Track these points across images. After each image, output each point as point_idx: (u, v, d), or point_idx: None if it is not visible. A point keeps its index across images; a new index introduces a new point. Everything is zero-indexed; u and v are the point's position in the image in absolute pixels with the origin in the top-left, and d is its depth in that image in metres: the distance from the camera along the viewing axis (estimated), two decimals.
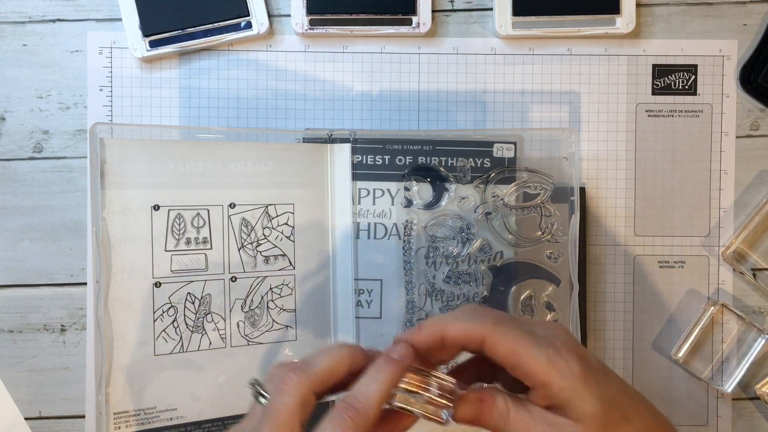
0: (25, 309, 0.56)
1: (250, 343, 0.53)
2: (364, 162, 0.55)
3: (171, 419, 0.51)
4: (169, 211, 0.51)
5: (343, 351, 0.38)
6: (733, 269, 0.58)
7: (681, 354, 0.57)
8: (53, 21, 0.57)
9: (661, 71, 0.58)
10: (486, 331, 0.36)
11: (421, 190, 0.55)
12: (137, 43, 0.55)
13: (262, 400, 0.37)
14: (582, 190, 0.57)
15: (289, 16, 0.57)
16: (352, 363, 0.38)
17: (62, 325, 0.57)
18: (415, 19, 0.56)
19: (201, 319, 0.52)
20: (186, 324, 0.51)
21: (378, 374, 0.36)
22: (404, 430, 0.38)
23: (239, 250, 0.53)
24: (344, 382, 0.38)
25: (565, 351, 0.36)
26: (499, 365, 0.37)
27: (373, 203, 0.55)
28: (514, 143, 0.55)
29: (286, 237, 0.54)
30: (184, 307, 0.51)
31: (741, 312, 0.58)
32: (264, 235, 0.53)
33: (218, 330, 0.52)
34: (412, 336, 0.38)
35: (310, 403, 0.36)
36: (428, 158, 0.55)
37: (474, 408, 0.38)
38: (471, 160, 0.55)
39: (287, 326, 0.54)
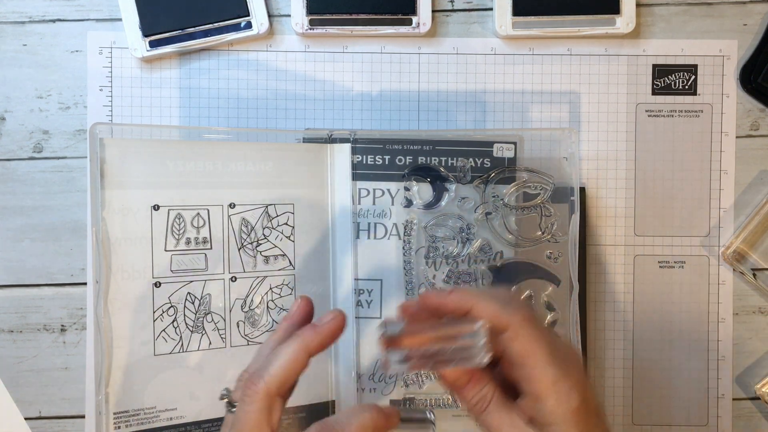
0: (25, 309, 0.56)
1: (250, 343, 0.53)
2: (364, 162, 0.55)
3: (171, 419, 0.51)
4: (169, 211, 0.51)
5: (294, 348, 0.38)
6: (733, 269, 0.58)
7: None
8: (53, 21, 0.57)
9: (661, 71, 0.58)
10: (513, 323, 0.37)
11: (421, 190, 0.55)
12: (137, 43, 0.55)
13: (232, 409, 0.39)
14: (582, 190, 0.57)
15: (289, 16, 0.57)
16: (310, 356, 0.38)
17: (62, 325, 0.57)
18: (415, 19, 0.56)
19: (201, 319, 0.52)
20: (186, 324, 0.51)
21: (361, 409, 0.38)
22: None
23: (239, 250, 0.53)
24: None
25: (573, 380, 0.36)
26: (501, 357, 0.37)
27: (373, 203, 0.55)
28: (514, 143, 0.55)
29: (286, 237, 0.54)
30: (184, 307, 0.51)
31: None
32: (264, 235, 0.53)
33: (218, 330, 0.52)
34: (441, 297, 0.39)
35: (276, 407, 0.38)
36: (428, 158, 0.55)
37: (462, 374, 0.38)
38: (471, 160, 0.55)
39: None
